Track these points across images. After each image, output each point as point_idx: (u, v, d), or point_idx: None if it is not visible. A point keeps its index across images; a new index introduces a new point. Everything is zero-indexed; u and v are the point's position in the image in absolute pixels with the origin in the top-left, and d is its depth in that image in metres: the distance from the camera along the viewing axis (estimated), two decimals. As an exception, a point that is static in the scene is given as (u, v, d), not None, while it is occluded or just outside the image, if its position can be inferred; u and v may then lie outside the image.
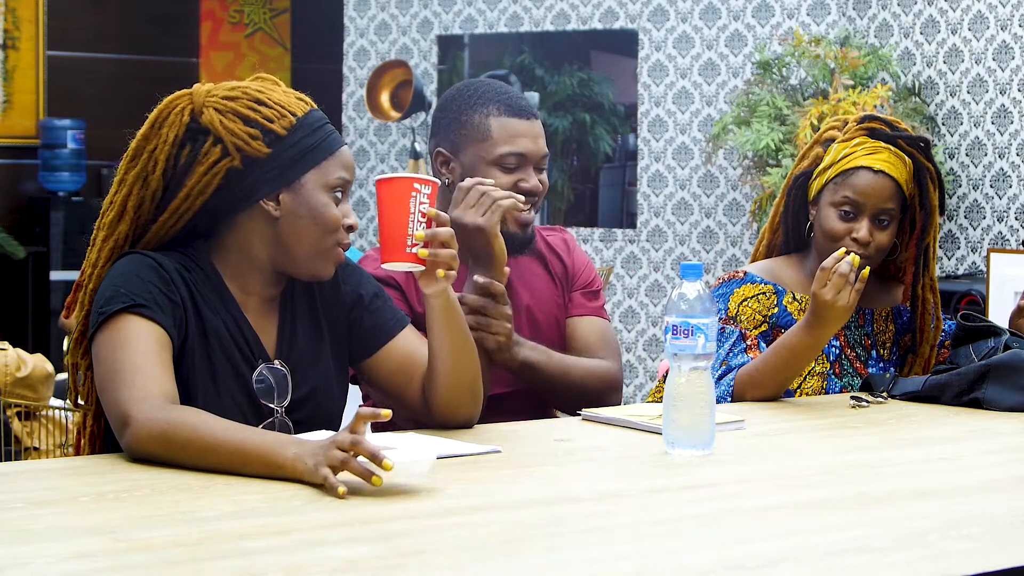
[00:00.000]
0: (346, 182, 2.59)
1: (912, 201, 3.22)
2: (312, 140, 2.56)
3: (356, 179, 7.68)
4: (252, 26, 8.95)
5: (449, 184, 3.03)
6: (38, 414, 4.85)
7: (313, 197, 2.55)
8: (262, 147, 2.53)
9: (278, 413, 2.57)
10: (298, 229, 2.55)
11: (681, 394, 2.51)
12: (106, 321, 2.44)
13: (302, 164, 2.55)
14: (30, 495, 2.19)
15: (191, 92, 2.57)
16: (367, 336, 2.69)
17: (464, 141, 3.02)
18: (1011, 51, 5.97)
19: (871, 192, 3.17)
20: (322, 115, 2.61)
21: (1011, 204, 5.99)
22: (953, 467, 2.55)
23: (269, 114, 2.54)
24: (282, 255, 2.57)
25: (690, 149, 6.75)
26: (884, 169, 3.18)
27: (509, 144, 3.01)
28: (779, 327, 3.22)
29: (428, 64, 7.48)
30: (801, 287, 3.26)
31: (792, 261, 3.32)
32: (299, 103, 2.59)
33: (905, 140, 3.21)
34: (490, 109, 3.02)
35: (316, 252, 2.56)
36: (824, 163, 3.24)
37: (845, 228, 3.18)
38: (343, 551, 1.90)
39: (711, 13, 6.70)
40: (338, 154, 2.58)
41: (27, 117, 8.28)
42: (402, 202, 2.49)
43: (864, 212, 3.18)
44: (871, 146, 3.20)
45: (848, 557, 1.92)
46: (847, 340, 3.27)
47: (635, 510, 2.19)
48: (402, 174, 2.53)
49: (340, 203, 2.58)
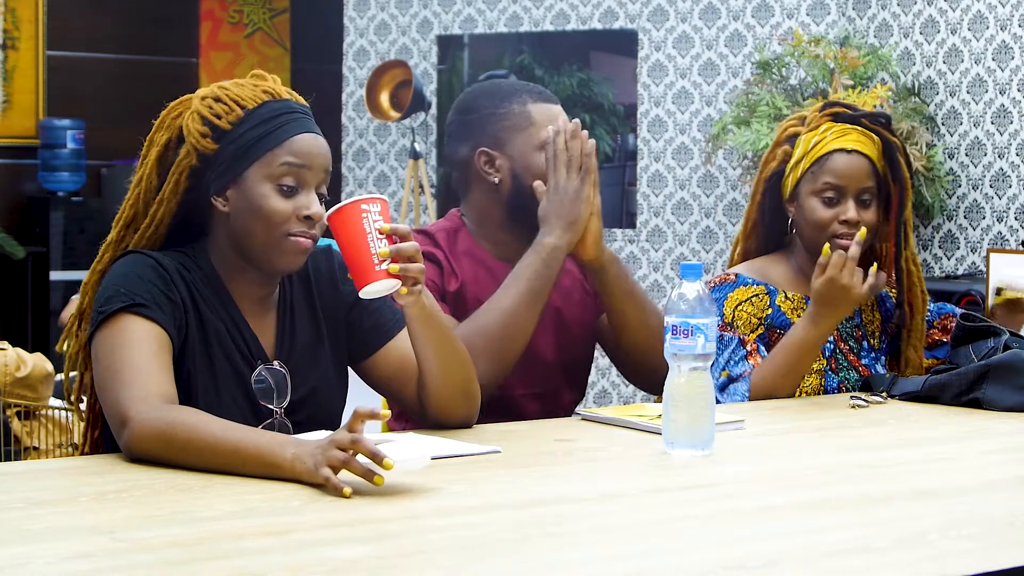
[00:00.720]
0: (297, 169, 2.52)
1: (886, 177, 3.25)
2: (257, 132, 2.52)
3: (356, 179, 7.69)
4: (252, 26, 8.95)
5: (500, 182, 3.03)
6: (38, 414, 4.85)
7: (254, 190, 2.52)
8: (210, 144, 2.52)
9: (277, 414, 2.57)
10: (245, 224, 2.53)
11: (681, 394, 2.51)
12: (105, 320, 2.44)
13: (246, 158, 2.52)
14: (30, 495, 2.19)
15: (189, 99, 2.58)
16: (367, 336, 2.69)
17: (507, 132, 3.03)
18: (1011, 51, 5.97)
19: (850, 173, 3.20)
20: (284, 105, 2.55)
21: (1011, 204, 5.99)
22: (952, 467, 2.55)
23: (219, 110, 2.53)
24: (242, 251, 2.56)
25: (690, 149, 6.75)
26: (857, 148, 3.22)
27: (551, 127, 3.01)
28: (774, 328, 3.22)
29: (428, 64, 7.48)
30: (791, 285, 3.28)
31: (777, 260, 3.33)
32: (257, 96, 2.54)
33: (868, 119, 3.26)
34: (524, 98, 3.04)
35: (267, 246, 2.53)
36: (795, 156, 3.26)
37: (832, 214, 3.21)
38: (342, 551, 1.90)
39: (711, 13, 6.70)
40: (288, 144, 2.52)
41: (27, 117, 8.28)
42: (356, 227, 2.45)
43: (847, 194, 3.21)
44: (839, 129, 3.24)
45: (847, 557, 1.92)
46: (840, 334, 3.27)
47: (635, 510, 2.19)
48: (346, 200, 2.48)
49: (295, 194, 2.52)
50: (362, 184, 7.66)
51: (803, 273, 3.28)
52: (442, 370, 2.62)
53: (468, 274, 3.01)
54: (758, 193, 3.34)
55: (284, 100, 2.56)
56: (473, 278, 3.00)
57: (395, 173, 7.65)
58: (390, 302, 2.71)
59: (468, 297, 2.98)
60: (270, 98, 2.55)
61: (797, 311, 3.24)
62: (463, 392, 2.66)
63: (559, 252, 2.92)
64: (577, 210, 2.93)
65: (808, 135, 3.25)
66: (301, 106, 2.59)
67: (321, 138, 2.57)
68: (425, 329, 2.59)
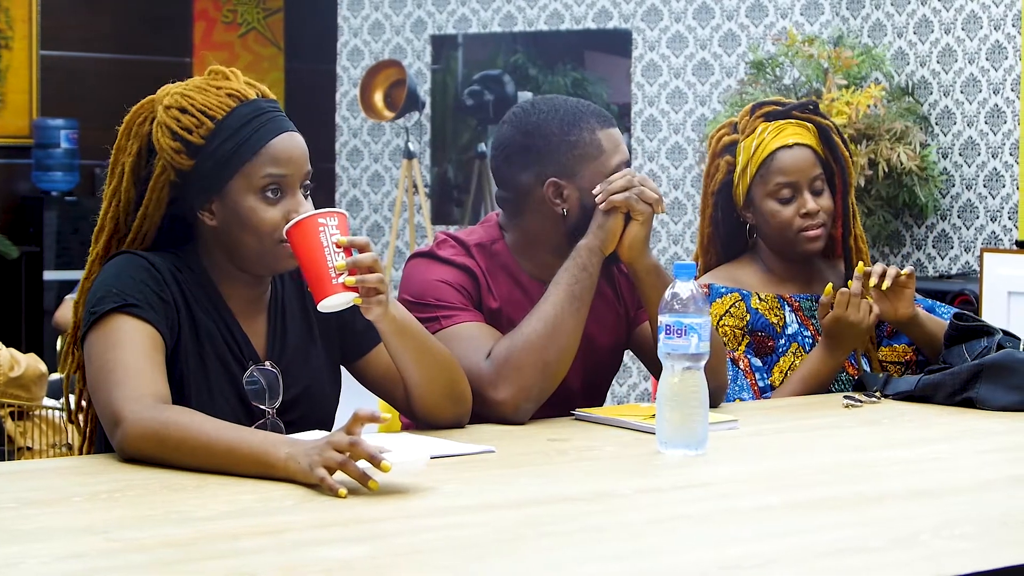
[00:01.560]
0: (278, 177, 2.48)
1: (828, 162, 3.29)
2: (231, 144, 2.47)
3: (350, 179, 7.69)
4: (246, 26, 8.95)
5: (567, 212, 2.92)
6: (31, 414, 4.84)
7: (240, 204, 2.48)
8: (185, 160, 2.48)
9: (270, 415, 2.56)
10: (235, 236, 2.50)
11: (674, 394, 2.51)
12: (98, 321, 2.43)
13: (224, 171, 2.47)
14: (23, 495, 2.18)
15: (153, 99, 2.54)
16: (359, 337, 2.68)
17: (578, 162, 2.91)
18: (1004, 51, 5.97)
19: (797, 166, 3.25)
20: (253, 108, 2.49)
21: (1004, 204, 5.99)
22: (947, 467, 2.55)
23: (188, 123, 2.47)
24: (233, 259, 2.54)
25: (684, 149, 6.75)
26: (798, 140, 3.26)
27: (619, 154, 2.93)
28: (756, 331, 3.25)
29: (422, 64, 7.48)
30: (762, 287, 3.32)
31: (744, 263, 3.37)
32: (223, 103, 2.49)
33: (797, 109, 3.31)
34: (592, 124, 2.93)
35: (260, 254, 2.51)
36: (740, 164, 3.29)
37: (792, 211, 3.25)
38: (336, 551, 1.90)
39: (705, 13, 6.70)
40: (264, 151, 2.47)
41: (20, 117, 8.28)
42: (313, 240, 2.43)
43: (801, 187, 3.25)
44: (775, 127, 3.28)
45: (842, 557, 1.92)
46: (817, 329, 3.29)
47: (628, 510, 2.19)
48: (303, 214, 2.46)
49: (281, 199, 2.49)
50: (356, 183, 7.66)
51: (772, 273, 3.33)
52: (424, 376, 2.62)
53: (504, 294, 2.95)
54: (708, 207, 3.37)
55: (251, 102, 2.50)
56: (508, 298, 2.94)
57: (389, 173, 7.65)
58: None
59: (503, 320, 2.93)
60: (237, 102, 2.49)
61: (772, 311, 3.27)
62: (448, 395, 2.66)
63: (592, 253, 2.85)
64: (607, 212, 2.88)
65: (747, 141, 3.29)
66: (269, 103, 2.53)
67: (296, 134, 2.51)
68: (399, 339, 2.56)
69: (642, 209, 2.86)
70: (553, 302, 2.82)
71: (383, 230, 7.63)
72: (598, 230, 2.87)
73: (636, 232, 2.87)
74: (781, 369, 3.26)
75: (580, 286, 2.84)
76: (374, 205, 7.67)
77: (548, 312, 2.82)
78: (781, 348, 3.28)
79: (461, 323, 2.84)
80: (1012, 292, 5.28)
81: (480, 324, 2.86)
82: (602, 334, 3.03)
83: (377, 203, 7.66)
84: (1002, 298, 5.28)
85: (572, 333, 2.83)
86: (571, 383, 2.96)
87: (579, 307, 2.83)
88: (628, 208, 2.85)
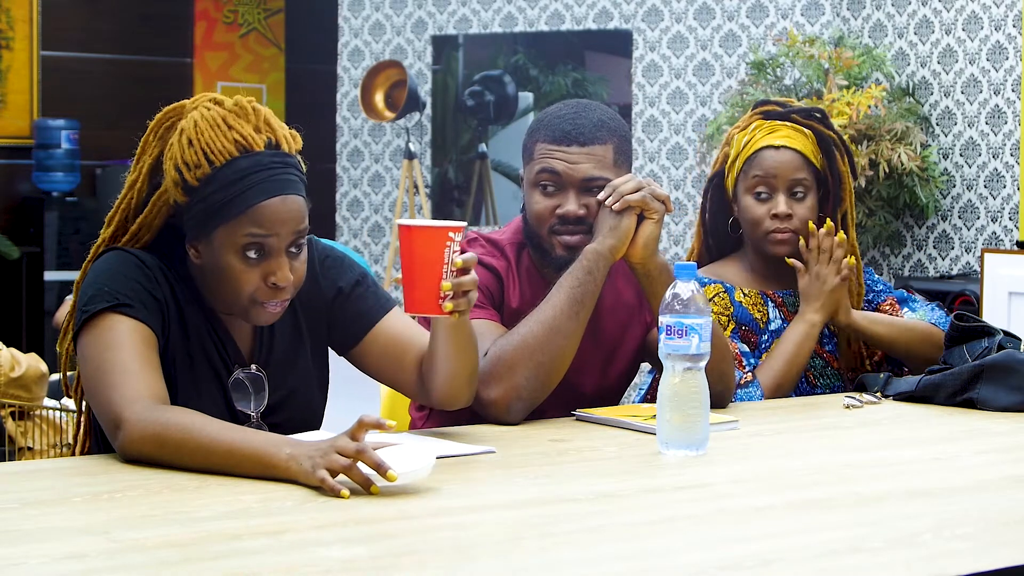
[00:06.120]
0: (261, 238, 2.41)
1: (824, 171, 3.30)
2: (222, 196, 2.40)
3: (351, 179, 7.69)
4: (246, 26, 8.94)
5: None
6: (32, 414, 4.85)
7: (221, 257, 2.44)
8: (181, 194, 2.45)
9: (254, 418, 2.56)
10: (214, 281, 2.48)
11: (675, 394, 2.51)
12: (90, 320, 2.42)
13: (212, 220, 2.42)
14: (24, 495, 2.18)
15: (184, 105, 2.51)
16: (352, 324, 2.66)
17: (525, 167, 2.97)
18: (1005, 51, 5.97)
19: (778, 167, 3.25)
20: (253, 163, 2.41)
21: (1005, 204, 5.99)
22: (947, 467, 2.55)
23: (189, 159, 2.42)
24: (213, 296, 2.52)
25: (684, 149, 6.75)
26: (785, 143, 3.26)
27: (542, 164, 2.91)
28: (741, 323, 3.26)
29: (422, 64, 7.48)
30: (746, 284, 3.33)
31: (730, 262, 3.38)
32: (225, 149, 2.41)
33: (800, 114, 3.31)
34: (541, 134, 2.92)
35: (235, 306, 2.49)
36: (731, 157, 3.32)
37: (765, 209, 3.26)
38: (337, 551, 1.90)
39: (705, 13, 6.70)
40: (251, 212, 2.40)
41: (21, 117, 8.28)
42: (437, 253, 2.40)
43: (778, 188, 3.26)
44: (768, 126, 3.29)
45: (842, 557, 1.92)
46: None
47: (629, 510, 2.19)
48: (435, 223, 2.41)
49: (261, 260, 2.43)
50: (357, 184, 7.66)
51: (755, 272, 3.34)
52: (456, 365, 2.61)
53: (528, 295, 2.96)
54: (704, 199, 3.40)
55: (253, 155, 2.41)
56: (530, 300, 2.94)
57: (390, 173, 7.65)
58: (375, 287, 2.69)
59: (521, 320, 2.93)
60: (239, 152, 2.41)
61: (756, 306, 3.29)
62: (469, 381, 2.65)
63: (600, 257, 2.85)
64: (620, 215, 2.88)
65: (740, 135, 3.32)
66: (274, 156, 2.44)
67: (292, 198, 2.43)
68: (454, 334, 2.57)
69: (656, 207, 2.86)
70: (553, 304, 2.83)
71: (384, 231, 7.63)
72: (610, 232, 2.86)
73: (651, 231, 2.87)
74: None
75: (582, 289, 2.84)
76: (375, 206, 7.67)
77: (546, 314, 2.82)
78: (764, 344, 3.28)
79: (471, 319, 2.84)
80: (1013, 293, 5.27)
81: (490, 323, 2.87)
82: (627, 341, 3.04)
83: (378, 204, 7.66)
84: (1003, 299, 5.28)
85: (570, 336, 2.82)
86: (586, 390, 2.97)
87: (579, 311, 2.83)
88: (643, 207, 2.85)
